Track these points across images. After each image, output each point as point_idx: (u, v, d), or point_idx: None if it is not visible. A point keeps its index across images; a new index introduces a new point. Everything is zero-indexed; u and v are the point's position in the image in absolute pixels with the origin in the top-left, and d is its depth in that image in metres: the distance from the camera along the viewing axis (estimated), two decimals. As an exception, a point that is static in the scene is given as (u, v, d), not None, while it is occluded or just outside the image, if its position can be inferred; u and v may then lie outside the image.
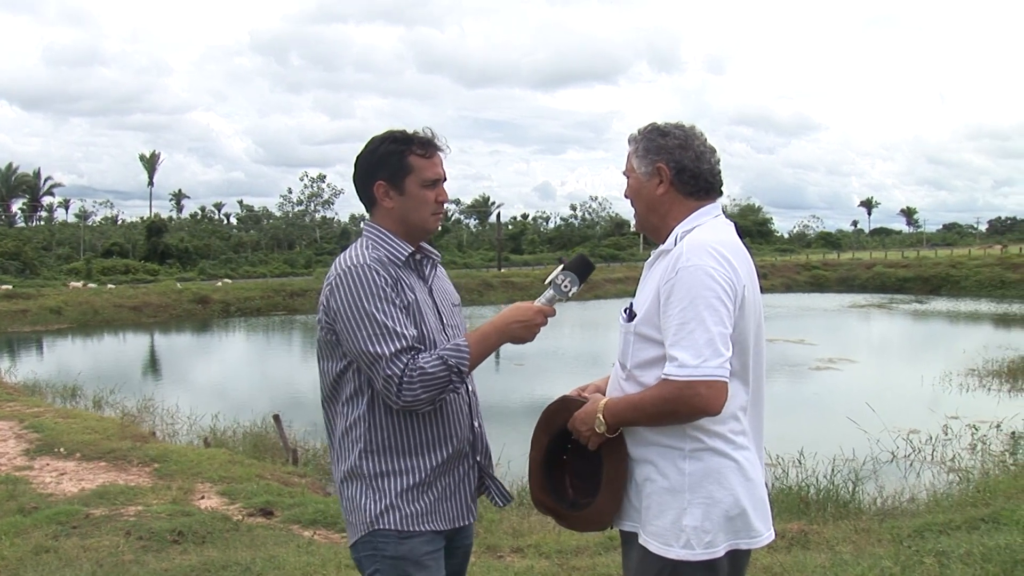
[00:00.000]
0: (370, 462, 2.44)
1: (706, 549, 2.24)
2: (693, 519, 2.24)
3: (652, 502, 2.30)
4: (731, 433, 2.29)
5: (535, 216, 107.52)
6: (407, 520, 2.43)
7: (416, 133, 2.52)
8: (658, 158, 2.39)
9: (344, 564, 5.02)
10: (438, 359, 2.36)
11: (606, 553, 5.24)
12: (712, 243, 2.26)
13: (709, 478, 2.26)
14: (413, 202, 2.50)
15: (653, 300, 2.29)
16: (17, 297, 36.53)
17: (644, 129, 2.45)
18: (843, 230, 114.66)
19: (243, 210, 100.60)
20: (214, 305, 39.80)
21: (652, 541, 2.29)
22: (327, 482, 9.18)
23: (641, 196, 2.44)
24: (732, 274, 2.24)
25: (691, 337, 2.16)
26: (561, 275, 2.51)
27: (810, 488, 8.01)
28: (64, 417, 11.45)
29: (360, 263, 2.41)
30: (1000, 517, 5.42)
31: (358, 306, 2.36)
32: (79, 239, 71.84)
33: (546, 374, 16.94)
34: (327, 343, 2.48)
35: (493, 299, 43.63)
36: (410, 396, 2.33)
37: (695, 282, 2.19)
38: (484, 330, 2.47)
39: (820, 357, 20.34)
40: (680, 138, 2.40)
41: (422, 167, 2.49)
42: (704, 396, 2.15)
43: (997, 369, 18.28)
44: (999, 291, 46.82)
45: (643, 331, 2.32)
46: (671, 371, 2.18)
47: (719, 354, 2.17)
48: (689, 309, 2.18)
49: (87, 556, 5.41)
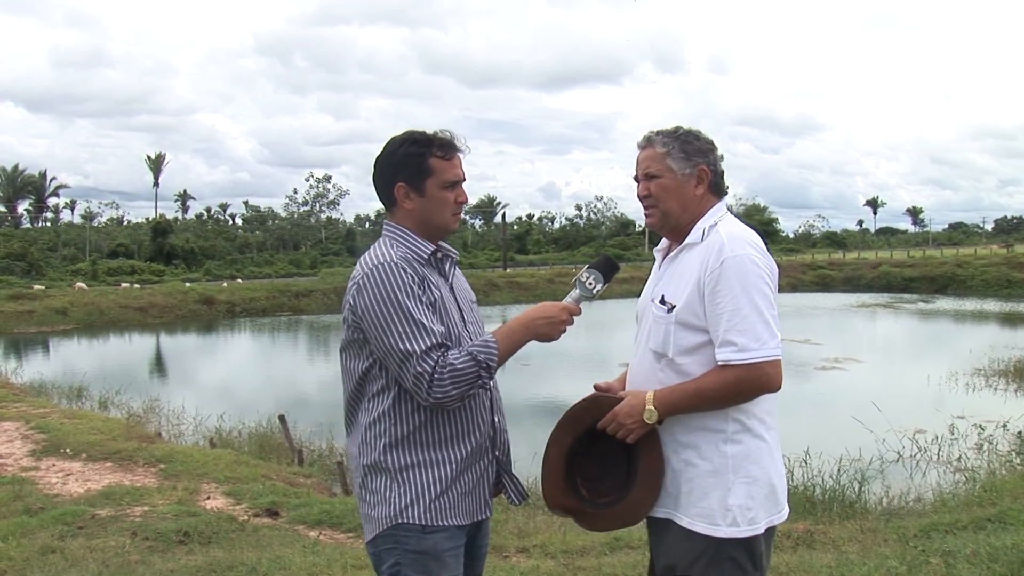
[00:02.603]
0: (395, 455, 2.43)
1: (750, 526, 2.38)
2: (737, 498, 2.37)
3: (695, 486, 2.41)
4: (765, 414, 2.45)
5: (540, 216, 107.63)
6: (432, 514, 2.42)
7: (436, 135, 2.53)
8: (702, 160, 2.52)
9: (350, 564, 5.02)
10: (467, 355, 2.37)
11: (612, 553, 5.24)
12: (747, 236, 2.43)
13: (749, 458, 2.40)
14: (433, 204, 2.51)
15: (694, 289, 2.40)
16: (23, 298, 36.64)
17: (676, 132, 2.54)
18: (848, 230, 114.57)
19: (248, 211, 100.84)
20: (219, 306, 39.90)
21: (699, 522, 2.39)
22: (333, 482, 9.19)
23: (678, 195, 2.52)
24: (771, 263, 2.42)
25: (747, 321, 2.31)
26: (587, 274, 2.56)
27: (816, 488, 8.01)
28: (70, 418, 11.48)
29: (387, 261, 2.41)
30: (1007, 517, 5.41)
31: (387, 304, 2.36)
32: (85, 240, 72.05)
33: (551, 374, 16.93)
34: (353, 341, 2.47)
35: (498, 299, 43.67)
36: (440, 393, 2.33)
37: (743, 270, 2.34)
38: (511, 326, 2.49)
39: (826, 357, 20.30)
40: (709, 142, 2.56)
41: (442, 169, 2.50)
42: (770, 375, 2.34)
43: (1003, 369, 18.21)
44: (1005, 290, 46.70)
45: (684, 319, 2.41)
46: (730, 356, 2.32)
47: (775, 335, 2.35)
48: (742, 296, 2.32)
49: (93, 556, 5.42)
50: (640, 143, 2.59)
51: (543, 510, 7.17)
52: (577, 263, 66.41)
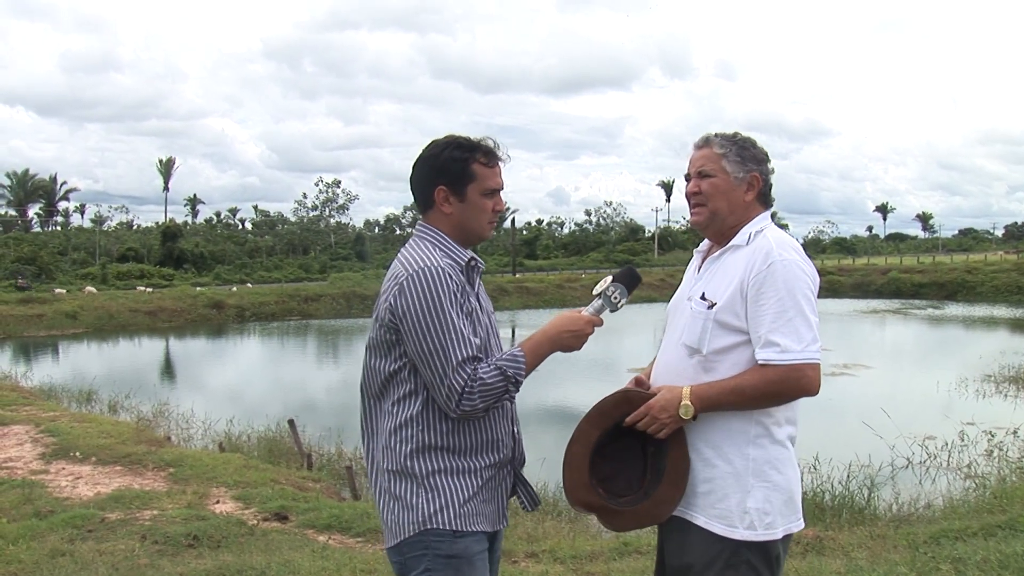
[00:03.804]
0: (423, 461, 2.41)
1: (767, 530, 2.39)
2: (756, 501, 2.38)
3: (715, 486, 2.42)
4: (787, 423, 2.47)
5: (550, 221, 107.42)
6: (461, 519, 2.41)
7: (481, 141, 2.53)
8: (756, 168, 2.56)
9: (359, 569, 5.03)
10: (496, 370, 2.36)
11: (621, 559, 5.23)
12: (793, 243, 2.47)
13: (770, 464, 2.42)
14: (472, 210, 2.51)
15: (736, 290, 2.42)
16: (33, 302, 36.80)
17: (734, 136, 2.57)
18: (858, 235, 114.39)
19: (258, 215, 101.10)
20: (229, 310, 40.03)
21: (717, 523, 2.40)
22: (342, 487, 9.21)
23: (728, 197, 2.54)
24: (814, 273, 2.45)
25: (791, 324, 2.34)
26: (612, 287, 2.55)
27: (825, 494, 7.99)
28: (80, 421, 11.52)
29: (434, 265, 2.38)
30: (1017, 524, 5.39)
31: (430, 310, 2.33)
32: (95, 244, 72.26)
33: (558, 379, 16.91)
34: (384, 342, 2.43)
35: (508, 304, 43.66)
36: (468, 407, 2.33)
37: (790, 275, 2.38)
38: (536, 339, 2.48)
39: (835, 363, 20.24)
40: (764, 152, 2.60)
41: (484, 176, 2.50)
42: (811, 378, 2.35)
43: (1014, 375, 18.17)
44: (1016, 297, 46.54)
45: (723, 319, 2.43)
46: (772, 356, 2.34)
47: (816, 339, 2.37)
48: (787, 299, 2.35)
49: (103, 560, 5.44)
50: (697, 143, 2.60)
51: (552, 515, 7.17)
52: (587, 268, 66.36)
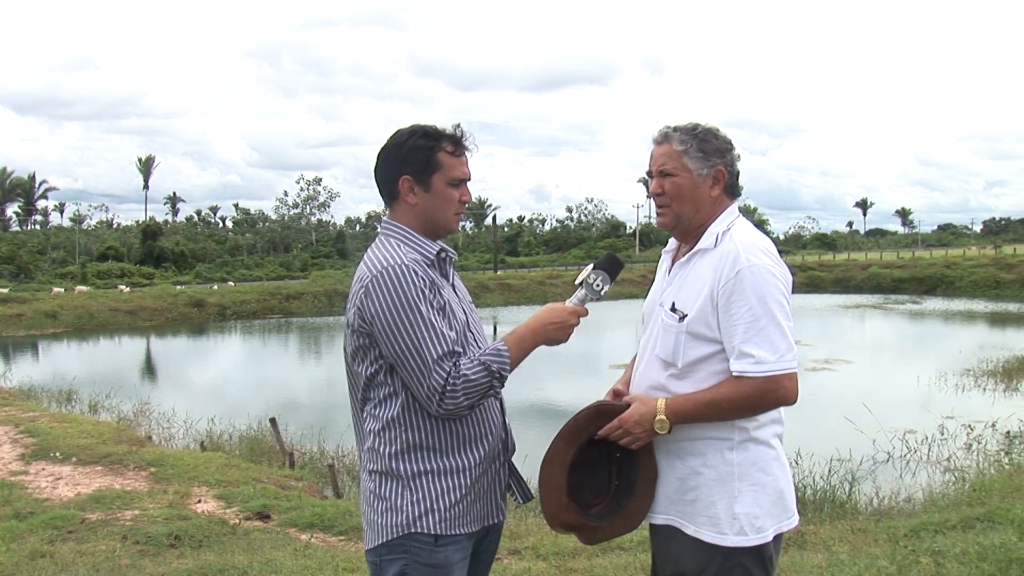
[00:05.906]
0: (407, 462, 2.36)
1: (758, 534, 2.33)
2: (744, 506, 2.33)
3: (701, 494, 2.37)
4: (772, 423, 2.40)
5: (531, 218, 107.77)
6: (446, 523, 2.36)
7: (446, 130, 2.45)
8: (719, 161, 2.44)
9: (342, 567, 5.02)
10: (480, 365, 2.30)
11: (603, 555, 5.24)
12: (761, 244, 2.37)
13: (755, 466, 2.35)
14: (438, 200, 2.43)
15: (706, 300, 2.34)
16: (12, 301, 36.47)
17: (694, 130, 2.45)
18: (839, 231, 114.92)
19: (239, 213, 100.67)
20: (210, 308, 39.77)
21: (706, 531, 2.35)
22: (324, 485, 9.18)
23: (692, 196, 2.44)
24: (785, 272, 2.37)
25: (764, 333, 2.27)
26: (593, 274, 2.48)
27: (807, 488, 8.03)
28: (60, 422, 11.43)
29: (398, 263, 2.32)
30: (995, 516, 5.43)
31: (399, 308, 2.27)
32: (74, 243, 71.75)
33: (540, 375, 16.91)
34: (359, 347, 2.38)
35: (490, 301, 43.61)
36: (452, 404, 2.27)
37: (759, 280, 2.29)
38: (521, 333, 2.42)
39: (816, 358, 20.35)
40: (727, 141, 2.48)
41: (451, 165, 2.42)
42: (787, 388, 2.29)
43: (992, 369, 18.33)
44: (994, 291, 46.92)
45: (696, 330, 2.36)
46: (747, 368, 2.27)
47: (791, 347, 2.31)
48: (758, 307, 2.28)
49: (83, 561, 5.40)
50: (656, 138, 2.49)
51: (534, 512, 7.17)
52: (568, 265, 66.38)
